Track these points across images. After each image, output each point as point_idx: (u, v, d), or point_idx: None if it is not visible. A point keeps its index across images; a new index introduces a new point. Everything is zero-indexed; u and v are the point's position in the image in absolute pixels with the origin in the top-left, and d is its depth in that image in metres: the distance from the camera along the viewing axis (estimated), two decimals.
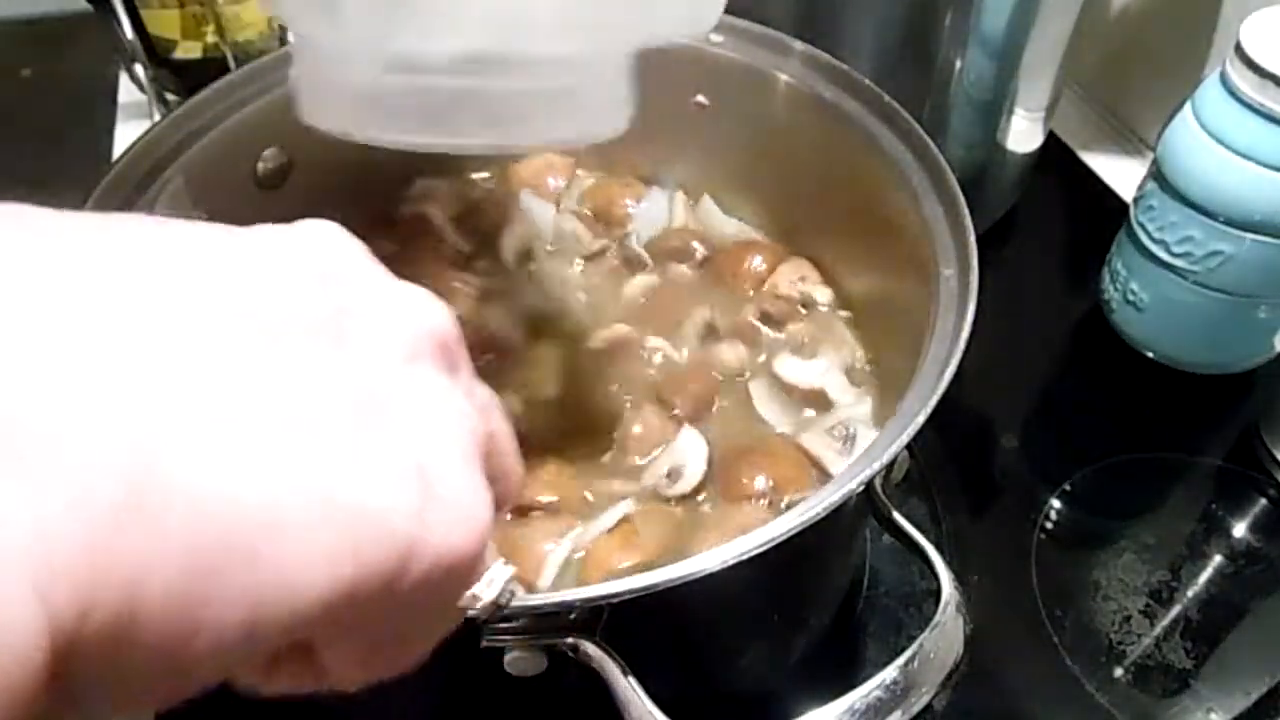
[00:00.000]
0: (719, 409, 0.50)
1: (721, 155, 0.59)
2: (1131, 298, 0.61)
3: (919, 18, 0.58)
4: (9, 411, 0.13)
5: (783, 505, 0.45)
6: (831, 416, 0.49)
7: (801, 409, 0.50)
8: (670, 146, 0.59)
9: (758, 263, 0.56)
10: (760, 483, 0.46)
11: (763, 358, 0.52)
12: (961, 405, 0.40)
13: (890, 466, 0.35)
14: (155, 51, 0.75)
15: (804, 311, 0.54)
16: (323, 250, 0.22)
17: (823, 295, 0.55)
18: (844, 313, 0.54)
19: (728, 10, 0.54)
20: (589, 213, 0.60)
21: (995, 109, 0.65)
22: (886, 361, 0.51)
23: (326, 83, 0.36)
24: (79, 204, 0.44)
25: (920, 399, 0.36)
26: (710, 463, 0.47)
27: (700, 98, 0.57)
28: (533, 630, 0.33)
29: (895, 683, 0.34)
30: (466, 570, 0.21)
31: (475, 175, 0.62)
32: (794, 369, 0.51)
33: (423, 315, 0.22)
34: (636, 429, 0.48)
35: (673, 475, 0.46)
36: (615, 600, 0.32)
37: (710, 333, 0.53)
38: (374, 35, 0.33)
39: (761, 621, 0.45)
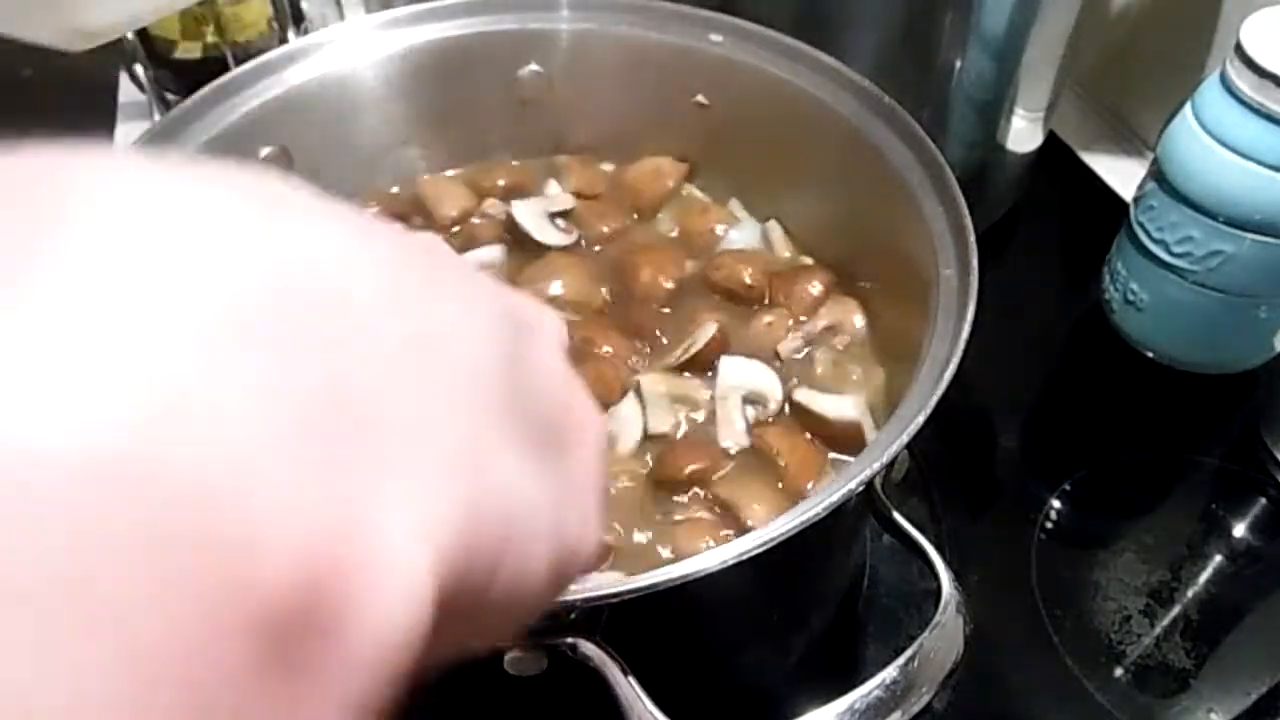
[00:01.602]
0: None
1: (720, 154, 0.59)
2: (1131, 298, 0.61)
3: (919, 18, 0.58)
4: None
5: None
6: None
7: None
8: (669, 146, 0.59)
9: (814, 288, 0.54)
10: None
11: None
12: (961, 405, 0.40)
13: (890, 466, 0.35)
14: (155, 51, 0.75)
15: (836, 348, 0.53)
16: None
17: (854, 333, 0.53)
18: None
19: (728, 10, 0.54)
20: (675, 232, 0.59)
21: (995, 109, 0.65)
22: (887, 359, 0.51)
23: None
24: None
25: (920, 399, 0.36)
26: None
27: (700, 98, 0.57)
28: (533, 630, 0.33)
29: (895, 683, 0.34)
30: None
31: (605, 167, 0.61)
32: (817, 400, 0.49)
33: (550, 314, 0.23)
34: None
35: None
36: (615, 600, 0.32)
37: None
38: None
39: (761, 621, 0.45)
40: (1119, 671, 0.50)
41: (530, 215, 0.57)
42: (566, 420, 0.21)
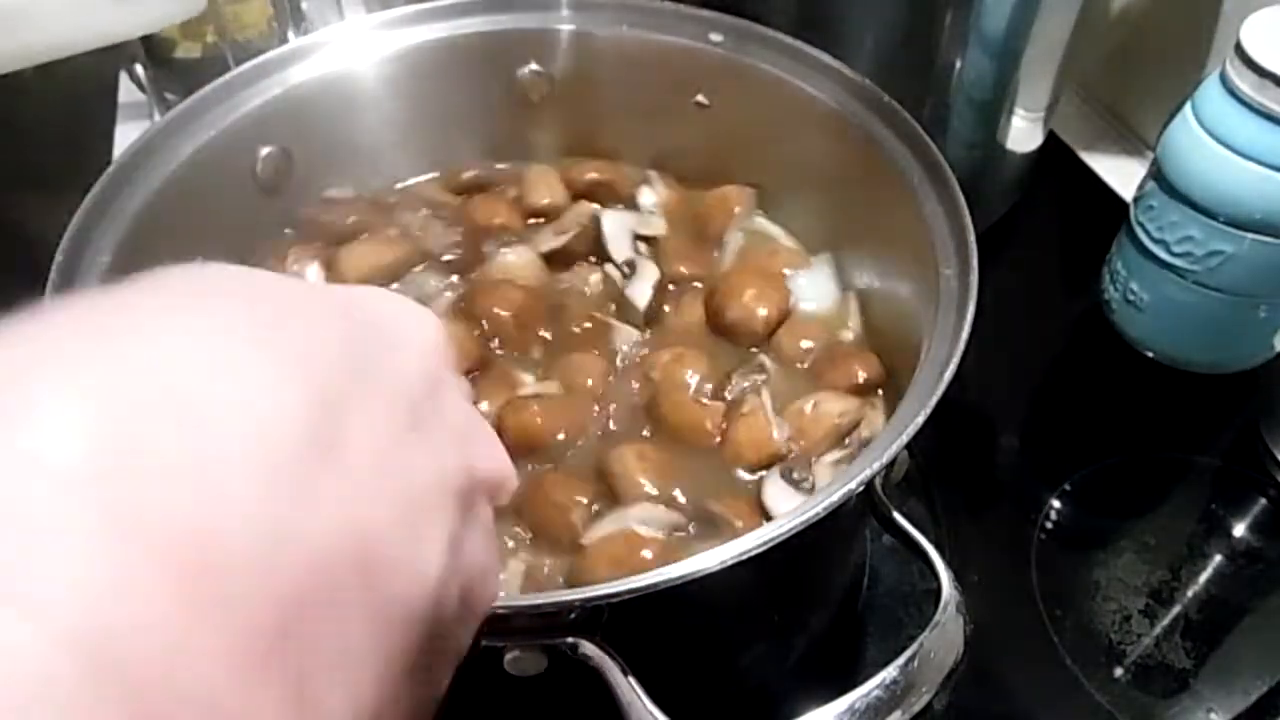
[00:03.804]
0: None
1: (720, 154, 0.59)
2: (1131, 298, 0.61)
3: (919, 18, 0.58)
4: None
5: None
6: None
7: None
8: (669, 145, 0.59)
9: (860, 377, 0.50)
10: None
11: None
12: (961, 405, 0.40)
13: (890, 466, 0.35)
14: (155, 51, 0.75)
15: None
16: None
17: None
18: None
19: (728, 10, 0.54)
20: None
21: (995, 109, 0.65)
22: (888, 361, 0.51)
23: None
24: (78, 203, 0.44)
25: (920, 399, 0.36)
26: None
27: (700, 98, 0.57)
28: (533, 630, 0.33)
29: (895, 683, 0.34)
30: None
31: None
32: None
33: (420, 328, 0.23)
34: None
35: None
36: (615, 600, 0.32)
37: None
38: None
39: (761, 621, 0.45)
40: (1119, 671, 0.50)
41: (617, 229, 0.56)
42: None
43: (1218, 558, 0.55)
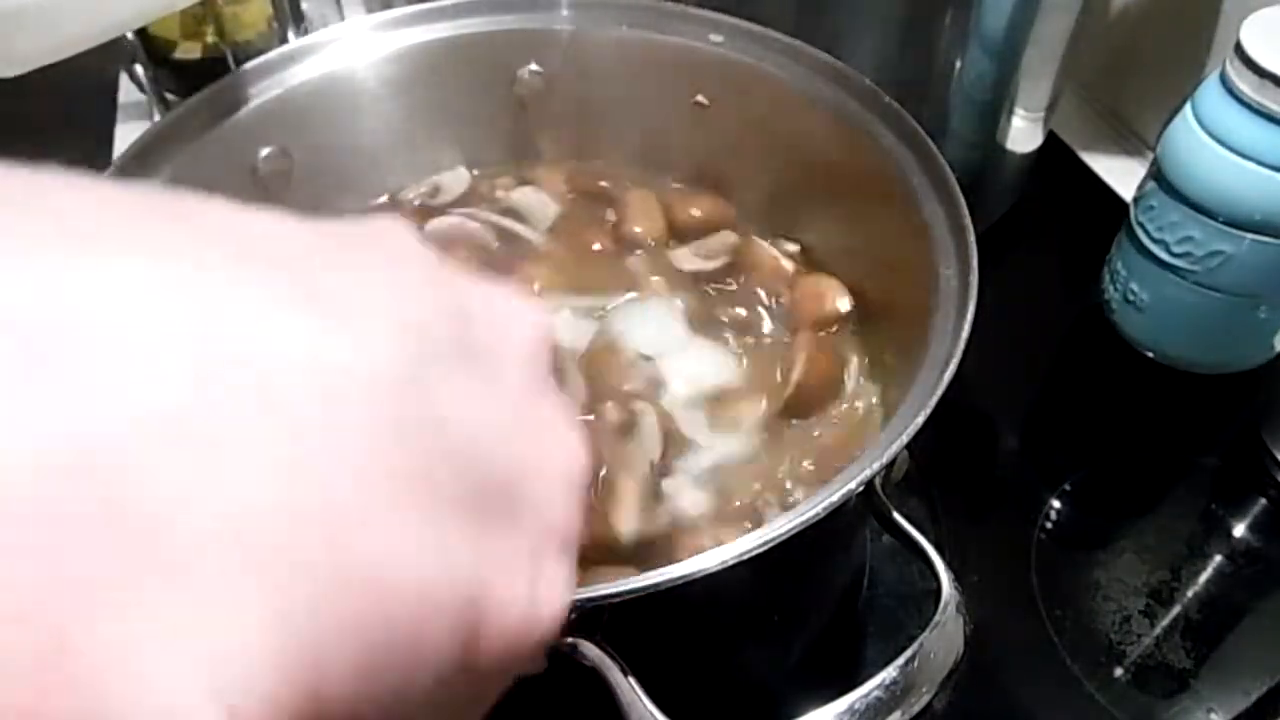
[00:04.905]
0: None
1: (720, 155, 0.59)
2: (1131, 298, 0.61)
3: (919, 18, 0.58)
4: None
5: None
6: None
7: None
8: (669, 146, 0.59)
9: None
10: None
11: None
12: (961, 405, 0.40)
13: (890, 466, 0.35)
14: (155, 51, 0.75)
15: None
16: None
17: None
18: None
19: (728, 10, 0.54)
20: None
21: (995, 109, 0.65)
22: (887, 362, 0.51)
23: None
24: None
25: (920, 399, 0.36)
26: None
27: (700, 98, 0.57)
28: None
29: (895, 683, 0.34)
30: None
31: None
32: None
33: (530, 321, 0.21)
34: None
35: None
36: (615, 600, 0.32)
37: None
38: None
39: (762, 621, 0.45)
40: (1119, 671, 0.50)
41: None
42: (511, 473, 0.18)
43: (1218, 558, 0.55)
